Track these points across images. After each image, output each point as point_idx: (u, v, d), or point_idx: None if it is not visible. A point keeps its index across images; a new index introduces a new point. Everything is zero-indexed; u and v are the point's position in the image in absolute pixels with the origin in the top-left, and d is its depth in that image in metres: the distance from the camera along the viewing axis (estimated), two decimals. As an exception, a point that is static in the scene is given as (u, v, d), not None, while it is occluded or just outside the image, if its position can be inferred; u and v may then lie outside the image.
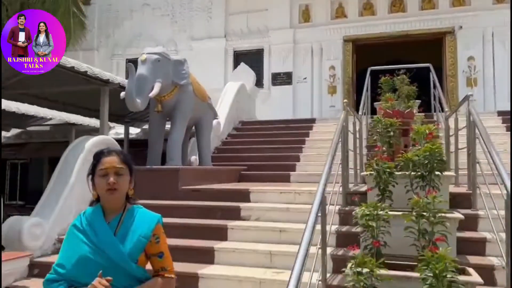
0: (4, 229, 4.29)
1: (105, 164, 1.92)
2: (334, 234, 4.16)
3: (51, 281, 1.87)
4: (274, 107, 12.43)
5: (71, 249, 1.90)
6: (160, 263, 1.97)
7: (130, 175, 1.99)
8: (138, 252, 1.90)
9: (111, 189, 1.90)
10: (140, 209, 2.02)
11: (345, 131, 4.88)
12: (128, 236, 1.90)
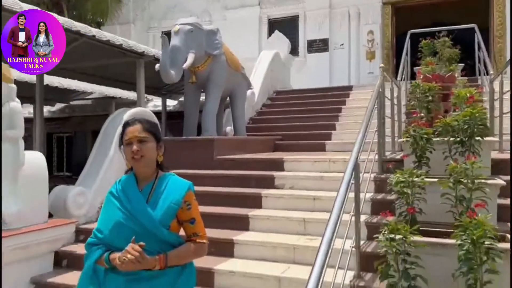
0: (50, 198, 4.53)
1: (128, 134, 1.97)
2: (369, 201, 4.12)
3: (91, 244, 1.97)
4: (310, 75, 12.21)
5: (107, 215, 1.98)
6: (192, 229, 2.01)
7: (157, 143, 2.02)
8: (170, 218, 1.95)
9: (135, 157, 1.94)
10: (172, 176, 2.06)
11: (381, 97, 4.75)
12: (159, 202, 1.95)
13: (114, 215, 1.94)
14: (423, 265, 2.53)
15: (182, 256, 1.96)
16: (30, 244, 3.89)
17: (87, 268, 1.94)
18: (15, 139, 3.91)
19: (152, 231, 1.89)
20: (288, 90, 10.20)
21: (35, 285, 3.98)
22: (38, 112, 7.03)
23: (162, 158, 2.06)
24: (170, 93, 9.85)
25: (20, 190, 3.94)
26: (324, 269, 2.22)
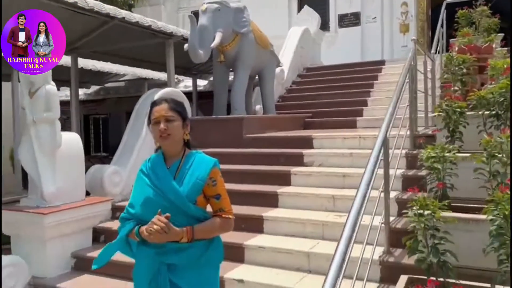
0: (87, 177, 4.72)
1: (155, 113, 2.03)
2: (400, 178, 4.06)
3: (124, 219, 2.07)
4: (341, 50, 11.94)
5: (138, 191, 2.06)
6: (217, 204, 2.06)
7: (183, 121, 2.07)
8: (196, 194, 2.01)
9: (162, 135, 2.00)
10: (198, 154, 2.12)
11: (413, 71, 4.60)
12: (186, 179, 2.01)
13: (144, 192, 2.02)
14: (452, 240, 2.49)
15: (208, 229, 2.01)
16: (69, 220, 4.09)
17: (119, 239, 2.04)
18: (52, 121, 4.07)
19: (180, 206, 1.96)
20: (319, 66, 10.04)
21: (76, 259, 4.20)
22: (73, 94, 7.26)
23: (188, 137, 2.11)
24: (200, 73, 9.91)
25: (58, 170, 4.12)
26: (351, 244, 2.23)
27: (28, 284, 3.91)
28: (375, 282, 3.14)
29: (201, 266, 2.00)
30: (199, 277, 2.00)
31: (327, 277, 1.96)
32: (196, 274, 1.99)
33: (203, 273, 2.01)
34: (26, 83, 4.06)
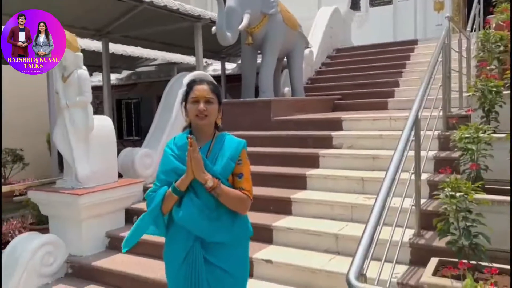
0: (119, 159, 4.84)
1: (196, 92, 2.05)
2: (432, 159, 3.97)
3: (152, 191, 2.10)
4: (372, 31, 11.65)
5: (166, 167, 2.10)
6: (239, 183, 2.08)
7: (219, 105, 2.11)
8: (228, 174, 2.06)
9: (200, 115, 2.03)
10: (227, 135, 2.16)
11: (447, 49, 4.44)
12: (218, 159, 2.06)
13: (171, 164, 2.07)
14: (485, 223, 2.42)
15: (230, 193, 2.02)
16: (103, 201, 4.22)
17: (151, 209, 2.06)
18: (85, 105, 4.17)
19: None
20: (349, 47, 9.84)
21: (110, 239, 4.34)
22: (105, 79, 7.41)
23: (220, 121, 2.16)
24: (229, 56, 9.91)
25: (91, 152, 4.24)
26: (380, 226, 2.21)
27: (65, 261, 4.09)
28: (405, 264, 3.10)
29: (231, 244, 2.06)
30: (231, 254, 2.06)
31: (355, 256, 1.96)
32: (228, 251, 2.05)
33: (234, 251, 2.08)
34: (59, 68, 4.17)
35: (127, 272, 3.76)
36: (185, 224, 2.03)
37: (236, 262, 2.09)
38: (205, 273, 2.01)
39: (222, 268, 2.03)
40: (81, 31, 6.87)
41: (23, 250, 3.80)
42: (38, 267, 3.85)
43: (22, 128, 10.41)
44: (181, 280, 2.04)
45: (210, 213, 2.01)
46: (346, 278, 1.80)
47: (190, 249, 2.03)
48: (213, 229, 2.01)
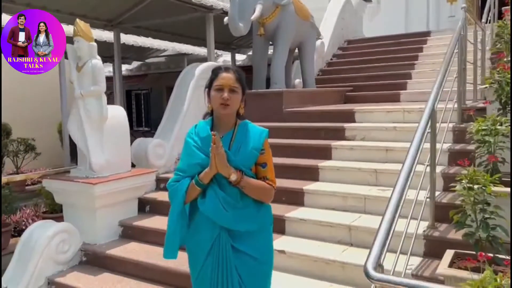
0: (132, 149, 4.87)
1: (221, 80, 2.02)
2: (446, 152, 3.94)
3: (175, 181, 2.10)
4: (384, 22, 11.54)
5: (187, 157, 2.09)
6: (263, 172, 2.08)
7: (242, 95, 2.09)
8: (252, 163, 2.05)
9: (224, 104, 2.00)
10: (249, 124, 2.14)
11: (463, 41, 4.39)
12: (241, 149, 2.04)
13: (195, 157, 2.05)
14: (503, 215, 2.41)
15: (254, 184, 2.03)
16: (117, 190, 4.25)
17: (176, 205, 2.06)
18: (99, 94, 4.19)
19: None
20: (360, 38, 9.74)
21: (123, 228, 4.39)
22: (117, 69, 7.43)
23: (243, 110, 2.14)
24: (239, 47, 9.89)
25: (105, 142, 4.27)
26: (396, 217, 2.20)
27: (80, 249, 4.14)
28: (419, 256, 3.10)
29: (257, 231, 2.07)
30: (257, 240, 2.07)
31: (373, 247, 1.95)
32: (254, 237, 2.06)
33: (260, 237, 2.09)
34: (73, 58, 4.19)
35: (139, 260, 3.80)
36: (210, 216, 2.02)
37: (262, 249, 2.10)
38: (233, 261, 2.02)
39: (250, 254, 2.04)
40: (94, 21, 6.89)
41: (39, 237, 3.85)
42: (54, 254, 3.90)
43: (34, 118, 10.51)
44: (209, 270, 2.04)
45: (235, 204, 2.01)
46: (364, 268, 1.81)
47: (216, 238, 2.03)
48: (239, 219, 2.02)
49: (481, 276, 1.83)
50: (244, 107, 2.14)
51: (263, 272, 2.13)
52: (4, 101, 9.60)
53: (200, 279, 2.11)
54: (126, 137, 4.55)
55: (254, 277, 2.08)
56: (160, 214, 4.49)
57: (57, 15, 6.18)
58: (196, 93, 5.49)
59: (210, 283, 2.06)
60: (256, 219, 2.06)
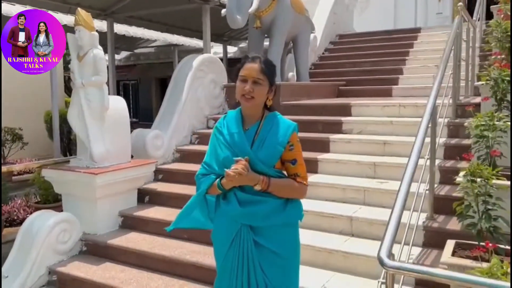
0: (131, 140, 4.87)
1: (245, 71, 1.97)
2: (442, 146, 4.07)
3: (202, 174, 2.09)
4: (373, 18, 11.66)
5: (214, 149, 2.08)
6: (293, 169, 2.04)
7: (270, 86, 2.02)
8: (276, 159, 2.00)
9: (246, 95, 1.95)
10: (278, 116, 2.07)
11: (458, 38, 4.52)
12: (265, 143, 1.98)
13: (220, 150, 2.03)
14: (504, 207, 2.53)
15: (282, 185, 2.00)
16: (117, 181, 4.26)
17: (199, 194, 2.08)
18: (100, 84, 4.18)
19: (254, 168, 1.96)
20: (352, 33, 9.85)
21: (123, 218, 4.41)
22: (110, 60, 7.37)
23: (271, 102, 2.06)
24: (231, 39, 9.90)
25: (106, 132, 4.27)
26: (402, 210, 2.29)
27: (80, 239, 4.15)
28: (418, 246, 3.21)
29: (281, 225, 2.03)
30: (280, 235, 2.03)
31: (385, 238, 2.03)
32: (277, 232, 2.02)
33: (283, 231, 2.04)
34: (74, 47, 4.16)
35: (142, 250, 3.84)
36: (230, 214, 2.02)
37: (285, 244, 2.05)
38: (256, 255, 1.98)
39: (272, 249, 2.00)
40: (87, 10, 6.79)
41: (40, 227, 3.85)
42: (54, 244, 3.91)
43: (21, 107, 10.32)
44: (229, 264, 2.03)
45: (257, 201, 1.98)
46: (378, 257, 1.88)
47: (237, 232, 2.01)
48: (263, 216, 1.99)
49: (484, 264, 1.93)
50: (272, 99, 2.06)
51: (287, 267, 2.08)
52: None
53: (221, 271, 2.11)
54: (126, 128, 4.56)
55: (278, 272, 2.04)
56: (159, 205, 4.53)
57: (51, 3, 6.13)
58: (194, 84, 5.51)
59: (229, 277, 2.05)
60: (282, 214, 2.01)
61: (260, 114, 2.05)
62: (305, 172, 2.10)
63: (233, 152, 1.99)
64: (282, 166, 2.08)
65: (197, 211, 2.17)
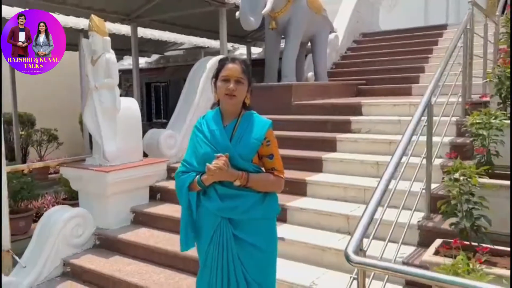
0: (145, 140, 5.09)
1: (227, 71, 2.09)
2: (447, 145, 3.99)
3: (181, 172, 2.20)
4: (402, 15, 11.38)
5: (194, 147, 2.19)
6: (270, 163, 2.16)
7: (248, 86, 2.15)
8: (253, 153, 2.11)
9: (229, 94, 2.07)
10: (254, 114, 2.19)
11: (469, 34, 4.40)
12: (243, 138, 2.10)
13: (200, 148, 2.14)
14: (490, 206, 2.48)
15: (261, 180, 2.12)
16: (128, 179, 4.46)
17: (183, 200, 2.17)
18: (112, 87, 4.40)
19: (234, 163, 2.07)
20: (376, 32, 9.71)
21: (134, 214, 4.60)
22: (134, 62, 7.66)
23: (249, 101, 2.19)
24: (255, 40, 9.99)
25: (118, 132, 4.47)
26: (385, 206, 2.31)
27: (93, 234, 4.37)
28: (413, 245, 3.18)
29: (259, 219, 2.14)
30: (258, 229, 2.14)
31: (355, 232, 2.07)
32: (256, 225, 2.13)
33: (261, 224, 2.15)
34: (88, 52, 4.40)
35: (149, 245, 4.00)
36: (209, 208, 2.11)
37: (264, 237, 2.15)
38: (236, 249, 2.08)
39: (251, 242, 2.10)
40: (112, 15, 7.12)
41: (55, 220, 4.09)
42: (69, 237, 4.14)
43: (56, 110, 10.91)
44: (209, 257, 2.13)
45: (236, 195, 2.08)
46: (345, 252, 1.92)
47: (217, 226, 2.10)
48: (243, 210, 2.08)
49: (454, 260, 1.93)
50: (250, 98, 2.19)
51: (265, 260, 2.18)
52: (29, 93, 10.06)
53: (203, 265, 2.21)
54: (138, 128, 4.75)
55: (256, 265, 2.14)
56: (170, 202, 4.69)
57: (76, 10, 6.46)
58: (207, 86, 5.64)
59: (210, 270, 2.14)
60: (259, 208, 2.11)
61: (238, 112, 2.17)
62: (282, 166, 2.21)
63: (213, 149, 2.09)
64: (259, 161, 2.19)
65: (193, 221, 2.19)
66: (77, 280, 3.98)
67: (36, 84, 10.31)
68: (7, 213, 3.87)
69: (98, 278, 3.84)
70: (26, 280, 3.80)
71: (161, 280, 3.59)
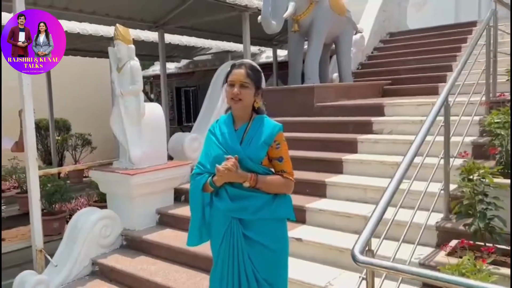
0: (171, 143, 5.25)
1: (232, 76, 2.18)
2: (469, 145, 3.91)
3: (196, 174, 2.30)
4: (432, 13, 11.16)
5: (207, 149, 2.29)
6: (280, 166, 2.22)
7: (257, 89, 2.22)
8: (262, 155, 2.18)
9: (234, 99, 2.16)
10: (265, 118, 2.25)
11: (493, 31, 4.30)
12: (253, 141, 2.18)
13: (212, 150, 2.24)
14: (506, 206, 2.44)
15: (270, 181, 2.18)
16: (153, 181, 4.61)
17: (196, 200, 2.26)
18: (137, 93, 4.56)
19: (243, 165, 2.15)
20: (403, 31, 9.55)
21: (159, 215, 4.75)
22: (162, 68, 7.88)
23: (259, 104, 2.26)
24: (281, 43, 10.04)
25: (143, 136, 4.63)
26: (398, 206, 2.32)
27: (121, 234, 4.54)
28: (431, 246, 3.15)
29: (269, 219, 2.19)
30: (268, 229, 2.19)
31: (362, 232, 2.10)
32: (265, 226, 2.18)
33: (271, 225, 2.20)
34: (114, 60, 4.59)
35: (171, 245, 4.13)
36: (220, 208, 2.18)
37: (274, 237, 2.20)
38: (246, 248, 2.15)
39: (261, 242, 2.15)
40: (140, 23, 7.36)
41: (84, 222, 4.29)
42: (97, 238, 4.33)
43: (90, 115, 11.32)
44: (221, 256, 2.21)
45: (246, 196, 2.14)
46: (351, 252, 1.95)
47: (228, 226, 2.17)
48: (253, 210, 2.15)
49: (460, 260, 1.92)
50: (259, 102, 2.24)
51: (276, 260, 2.23)
52: (63, 98, 10.50)
53: (215, 262, 2.29)
54: (162, 132, 4.90)
55: (267, 265, 2.19)
56: (194, 204, 4.81)
57: (105, 19, 6.73)
58: (228, 89, 5.76)
59: (221, 270, 2.22)
60: (269, 209, 2.16)
61: (249, 116, 2.25)
62: (291, 168, 2.26)
63: (223, 151, 2.18)
64: (269, 164, 2.26)
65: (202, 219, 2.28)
66: (105, 279, 4.15)
67: (70, 88, 10.77)
68: (39, 215, 4.08)
69: (124, 277, 4.00)
70: (57, 278, 4.01)
71: (183, 280, 3.70)
